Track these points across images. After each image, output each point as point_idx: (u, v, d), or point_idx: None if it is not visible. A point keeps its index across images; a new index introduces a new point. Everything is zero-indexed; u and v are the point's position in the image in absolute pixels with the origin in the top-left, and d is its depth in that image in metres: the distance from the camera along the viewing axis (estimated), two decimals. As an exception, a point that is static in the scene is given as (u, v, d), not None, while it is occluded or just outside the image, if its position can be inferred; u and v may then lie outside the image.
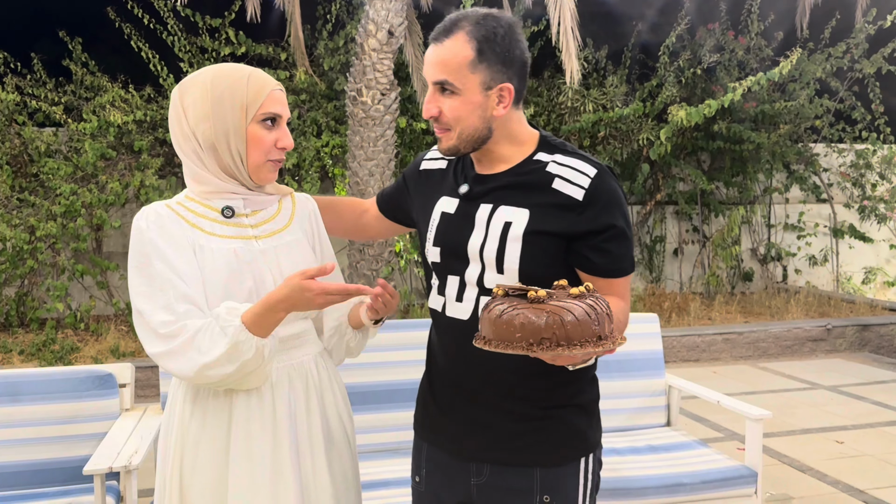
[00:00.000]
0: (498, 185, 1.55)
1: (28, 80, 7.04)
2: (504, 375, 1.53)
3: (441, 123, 1.52)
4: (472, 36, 1.47)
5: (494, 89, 1.50)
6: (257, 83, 1.54)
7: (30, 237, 6.02)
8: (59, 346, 5.87)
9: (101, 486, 2.32)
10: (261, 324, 1.45)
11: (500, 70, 1.49)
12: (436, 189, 1.66)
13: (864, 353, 6.83)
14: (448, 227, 1.59)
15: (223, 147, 1.53)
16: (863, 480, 3.81)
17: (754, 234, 8.87)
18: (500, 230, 1.51)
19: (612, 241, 1.50)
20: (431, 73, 1.50)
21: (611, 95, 7.72)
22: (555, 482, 1.54)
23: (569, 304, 1.19)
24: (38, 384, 2.72)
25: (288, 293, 1.45)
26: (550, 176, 1.51)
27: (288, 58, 7.35)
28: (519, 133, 1.58)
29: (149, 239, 1.51)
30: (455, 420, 1.60)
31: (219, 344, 1.43)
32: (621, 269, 1.53)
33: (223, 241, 1.55)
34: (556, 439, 1.55)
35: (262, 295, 1.52)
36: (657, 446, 3.05)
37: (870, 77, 8.30)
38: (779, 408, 5.04)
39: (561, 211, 1.49)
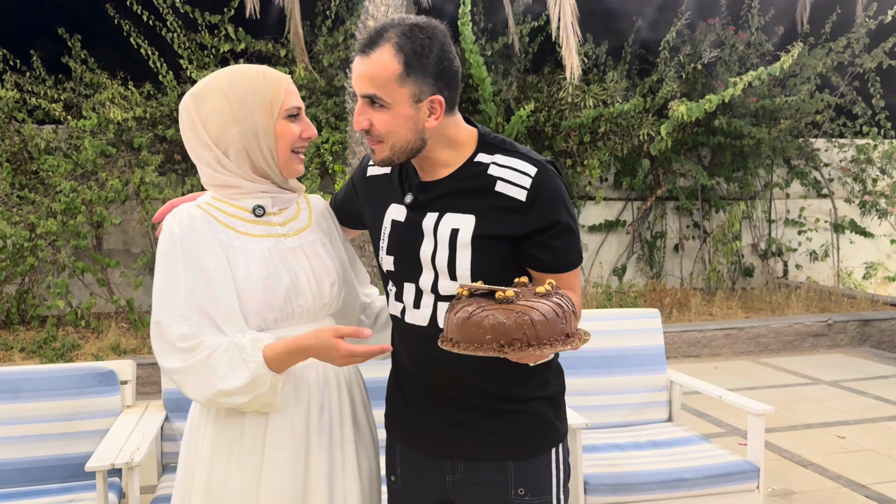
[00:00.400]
0: (441, 192, 1.55)
1: (27, 78, 7.03)
2: (469, 375, 1.54)
3: (372, 136, 1.50)
4: (400, 49, 1.43)
5: (425, 101, 1.47)
6: (274, 80, 1.56)
7: (30, 234, 6.02)
8: (59, 343, 5.87)
9: (103, 483, 2.32)
10: (281, 362, 1.48)
11: (430, 83, 1.46)
12: (383, 196, 1.65)
13: (865, 348, 6.83)
14: (399, 235, 1.59)
15: (254, 148, 1.54)
16: (864, 475, 3.82)
17: (755, 229, 8.86)
18: (448, 238, 1.51)
19: (557, 237, 1.51)
20: (359, 87, 1.47)
21: (611, 91, 7.71)
22: (529, 474, 1.57)
23: (537, 304, 1.20)
24: (40, 381, 2.72)
25: (315, 344, 1.47)
26: (493, 179, 1.51)
27: (287, 54, 7.34)
28: (456, 137, 1.55)
29: (179, 244, 1.50)
30: (425, 419, 1.61)
31: (240, 374, 1.45)
32: (569, 263, 1.54)
33: (257, 241, 1.57)
34: (527, 432, 1.58)
35: (298, 294, 1.56)
36: (659, 441, 3.05)
37: (870, 72, 8.29)
38: (780, 403, 5.04)
39: (506, 213, 1.49)
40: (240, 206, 1.59)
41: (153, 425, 2.66)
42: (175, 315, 1.47)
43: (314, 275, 1.60)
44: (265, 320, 1.55)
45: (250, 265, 1.53)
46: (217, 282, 1.50)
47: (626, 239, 8.47)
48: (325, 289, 1.62)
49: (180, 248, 1.50)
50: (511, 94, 7.74)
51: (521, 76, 8.05)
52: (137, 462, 2.33)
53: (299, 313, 1.59)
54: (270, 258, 1.55)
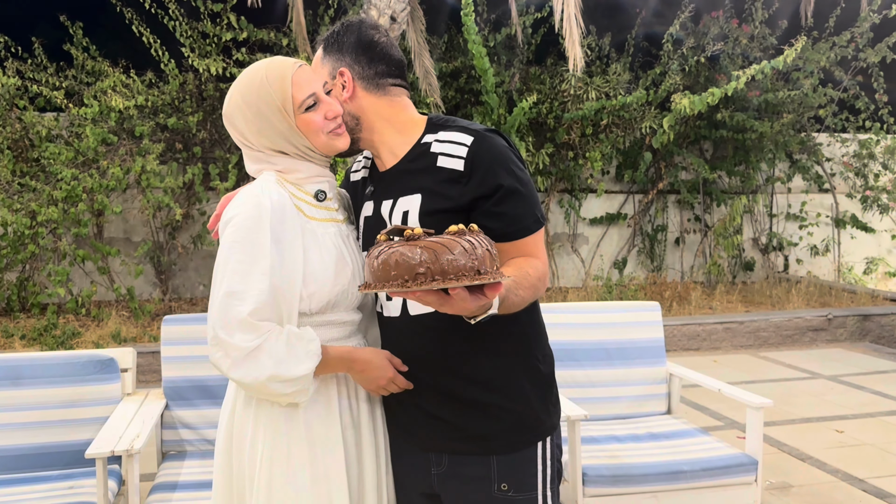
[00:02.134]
0: (392, 177, 1.58)
1: (29, 65, 7.01)
2: (444, 361, 1.53)
3: None
4: (319, 43, 1.64)
5: (337, 78, 1.59)
6: (276, 79, 1.53)
7: (31, 222, 6.02)
8: (60, 331, 5.88)
9: (102, 470, 2.33)
10: (328, 365, 1.51)
11: (335, 58, 1.60)
12: (359, 197, 1.70)
13: (865, 342, 6.83)
14: (369, 229, 1.62)
15: (289, 147, 1.57)
16: (862, 469, 3.82)
17: (756, 223, 8.86)
18: (401, 221, 1.52)
19: (503, 202, 1.48)
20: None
21: (614, 83, 7.69)
22: (511, 469, 1.53)
23: (444, 240, 1.17)
24: (41, 368, 2.73)
25: (371, 359, 1.53)
26: (434, 155, 1.52)
27: (289, 43, 7.32)
28: (403, 121, 1.59)
29: (269, 219, 1.48)
30: (409, 413, 1.60)
31: (302, 364, 1.45)
32: (523, 227, 1.50)
33: (324, 226, 1.59)
34: (508, 426, 1.54)
35: (355, 278, 1.57)
36: (658, 434, 3.06)
37: (874, 66, 8.26)
38: (779, 397, 5.05)
39: (448, 186, 1.49)
40: (305, 190, 1.60)
41: (153, 413, 2.66)
42: (252, 289, 1.44)
43: (361, 261, 1.63)
44: (330, 302, 1.54)
45: (321, 250, 1.54)
46: (289, 264, 1.49)
47: (627, 232, 8.47)
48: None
49: (269, 223, 1.47)
50: (514, 86, 7.73)
51: (524, 68, 8.03)
52: (137, 449, 2.33)
53: (351, 300, 1.59)
54: (338, 245, 1.58)
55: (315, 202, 1.59)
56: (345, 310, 1.60)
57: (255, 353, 1.42)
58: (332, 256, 1.54)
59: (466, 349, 1.51)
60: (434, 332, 1.52)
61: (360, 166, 1.75)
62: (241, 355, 1.42)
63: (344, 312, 1.60)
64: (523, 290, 1.42)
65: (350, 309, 1.61)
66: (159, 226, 7.20)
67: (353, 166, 1.77)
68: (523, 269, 1.45)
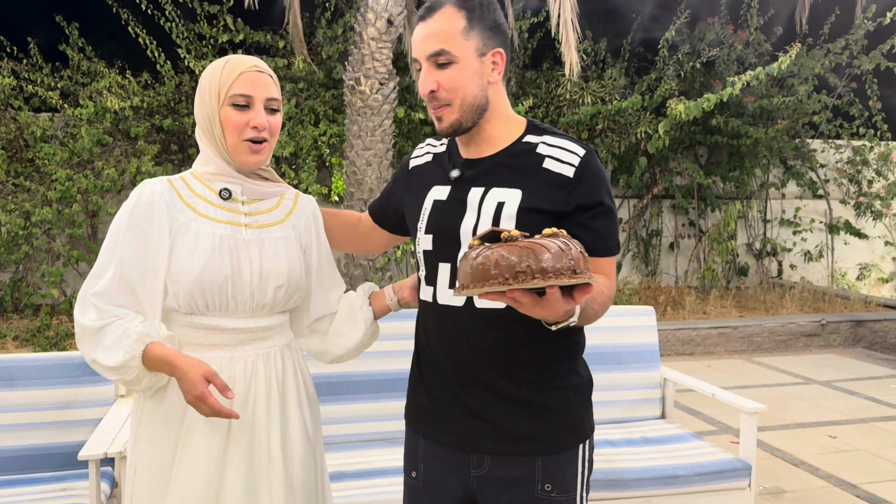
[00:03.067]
0: (488, 166, 1.56)
1: (24, 65, 7.00)
2: (497, 357, 1.52)
3: (440, 99, 1.53)
4: (460, 6, 1.51)
5: (488, 55, 1.53)
6: (230, 68, 1.59)
7: (25, 223, 6.00)
8: (53, 332, 5.86)
9: (95, 472, 2.32)
10: (154, 363, 1.51)
11: (490, 36, 1.53)
12: (425, 182, 1.66)
13: (858, 348, 6.86)
14: (440, 213, 1.58)
15: (208, 132, 1.61)
16: (855, 475, 3.83)
17: (750, 228, 8.88)
18: (493, 210, 1.51)
19: (598, 217, 1.52)
20: (426, 48, 1.51)
21: (609, 88, 7.71)
22: (556, 470, 1.54)
23: (543, 241, 1.20)
24: (34, 369, 2.72)
25: (186, 370, 1.48)
26: (541, 157, 1.53)
27: (286, 46, 7.32)
28: (507, 113, 1.60)
29: (131, 212, 1.57)
30: (451, 411, 1.58)
31: (115, 356, 1.50)
32: (606, 247, 1.54)
33: (213, 225, 1.59)
34: (555, 427, 1.55)
35: (236, 286, 1.57)
36: (652, 438, 3.06)
37: (868, 74, 8.31)
38: (772, 402, 5.06)
39: (552, 189, 1.50)
40: (211, 187, 1.63)
41: (147, 415, 2.65)
42: (104, 273, 1.54)
43: (261, 272, 1.60)
44: (196, 304, 1.56)
45: (195, 248, 1.56)
46: (152, 258, 1.54)
47: (621, 236, 8.49)
48: (268, 288, 1.61)
49: (130, 217, 1.57)
50: (510, 90, 7.74)
51: (520, 72, 8.04)
52: (131, 451, 2.32)
53: (234, 307, 1.59)
54: (218, 245, 1.57)
55: (219, 201, 1.62)
56: (240, 317, 1.60)
57: (95, 334, 1.51)
58: (203, 257, 1.55)
59: (523, 349, 1.52)
60: (495, 329, 1.51)
61: (423, 152, 1.73)
62: (82, 332, 1.53)
63: (239, 319, 1.60)
64: (597, 304, 1.45)
65: (245, 317, 1.61)
66: (154, 227, 7.19)
67: (413, 153, 1.76)
68: (599, 285, 1.46)
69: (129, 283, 1.54)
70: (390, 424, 2.94)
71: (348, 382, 2.95)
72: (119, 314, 1.52)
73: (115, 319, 1.52)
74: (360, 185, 5.53)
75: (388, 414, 2.94)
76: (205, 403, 1.47)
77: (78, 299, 1.55)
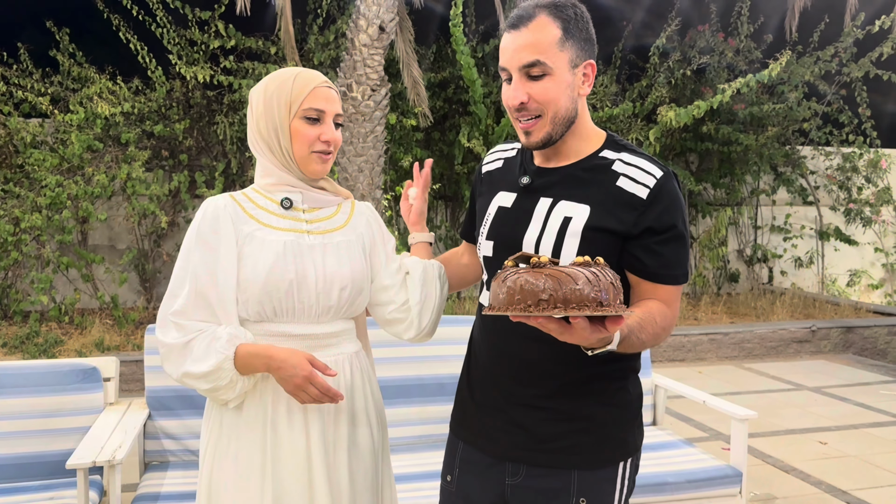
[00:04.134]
0: (560, 178, 1.52)
1: (14, 71, 6.96)
2: (544, 370, 1.50)
3: (530, 111, 1.48)
4: (555, 16, 1.46)
5: (580, 67, 1.49)
6: (302, 81, 1.63)
7: (14, 229, 5.96)
8: (42, 339, 5.82)
9: (84, 481, 2.30)
10: (246, 363, 1.53)
11: (584, 48, 1.49)
12: (494, 187, 1.63)
13: (848, 354, 6.88)
14: (503, 220, 1.56)
15: (274, 142, 1.63)
16: (846, 481, 3.84)
17: (741, 235, 8.92)
18: (559, 225, 1.47)
19: (668, 243, 1.47)
20: (520, 58, 1.46)
21: (601, 95, 7.74)
22: (592, 485, 1.51)
23: (569, 269, 1.19)
24: (22, 377, 2.70)
25: (287, 358, 1.51)
26: (615, 174, 1.48)
27: (278, 52, 7.31)
28: (588, 125, 1.55)
29: (198, 230, 1.61)
30: (493, 419, 1.57)
31: (207, 361, 1.53)
32: (672, 275, 1.48)
33: (276, 233, 1.63)
34: (595, 442, 1.52)
35: (302, 290, 1.59)
36: (643, 445, 3.06)
37: (857, 81, 8.36)
38: (763, 408, 5.08)
39: (623, 209, 1.45)
40: (272, 198, 1.67)
41: (136, 423, 2.64)
42: (179, 292, 1.58)
43: (325, 276, 1.62)
44: (264, 310, 1.59)
45: (260, 255, 1.59)
46: (222, 269, 1.58)
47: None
48: (333, 292, 1.63)
49: (197, 234, 1.61)
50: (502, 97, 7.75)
51: (512, 78, 8.05)
52: (119, 460, 2.31)
53: (300, 310, 1.61)
54: (283, 251, 1.60)
55: (281, 211, 1.66)
56: (306, 321, 1.62)
57: (181, 350, 1.55)
58: (268, 263, 1.58)
59: (571, 366, 1.48)
60: (545, 343, 1.44)
61: (496, 157, 1.70)
62: (167, 351, 1.56)
63: (305, 324, 1.62)
64: (645, 334, 1.39)
65: (311, 322, 1.63)
66: (144, 233, 7.16)
67: (485, 159, 1.73)
68: (652, 313, 1.43)
69: (205, 297, 1.57)
70: (440, 427, 2.98)
71: (403, 386, 2.97)
72: (201, 328, 1.56)
73: (199, 333, 1.55)
74: (352, 191, 5.53)
75: (439, 417, 2.98)
76: (312, 383, 1.50)
77: (158, 321, 1.60)
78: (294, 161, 1.63)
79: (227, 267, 1.58)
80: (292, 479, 1.58)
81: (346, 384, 1.67)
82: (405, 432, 2.98)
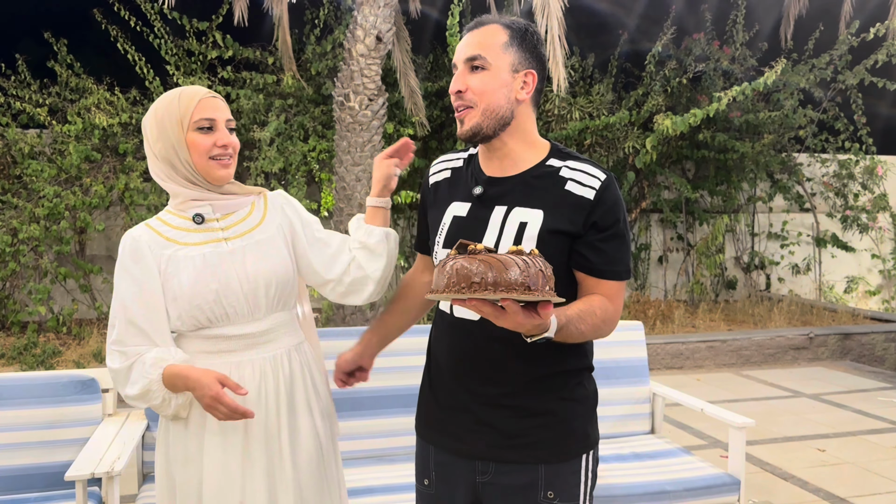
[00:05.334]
0: (511, 186, 1.61)
1: (12, 82, 6.98)
2: (505, 369, 1.57)
3: (465, 100, 1.59)
4: (506, 26, 1.61)
5: (521, 73, 1.59)
6: (186, 98, 1.70)
7: (12, 239, 5.96)
8: (40, 349, 5.81)
9: (82, 493, 2.30)
10: (172, 384, 1.64)
11: (528, 59, 1.60)
12: (445, 198, 1.71)
13: (846, 361, 6.89)
14: (460, 228, 1.63)
15: (175, 160, 1.69)
16: (844, 488, 3.84)
17: (738, 242, 8.94)
18: (516, 230, 1.56)
19: (609, 241, 1.56)
20: (465, 52, 1.59)
21: (597, 104, 7.76)
22: (558, 478, 1.58)
23: (501, 256, 1.27)
24: (20, 388, 2.69)
25: (199, 378, 1.58)
26: (563, 179, 1.58)
27: (275, 62, 7.34)
28: (533, 135, 1.65)
29: (121, 263, 1.70)
30: (458, 420, 1.63)
31: (137, 385, 1.65)
32: (614, 271, 1.57)
33: (194, 249, 1.70)
34: (559, 436, 1.59)
35: (228, 296, 1.68)
36: (641, 454, 3.06)
37: (853, 88, 8.40)
38: (761, 415, 5.08)
39: (573, 211, 1.55)
40: (185, 216, 1.74)
41: (134, 434, 2.64)
42: (115, 322, 1.69)
43: (248, 277, 1.70)
44: (198, 321, 1.69)
45: (182, 273, 1.67)
46: (147, 296, 1.67)
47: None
48: (259, 291, 1.71)
49: (120, 267, 1.70)
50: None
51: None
52: (118, 471, 2.31)
53: (232, 314, 1.70)
54: (202, 264, 1.68)
55: (195, 226, 1.73)
56: (242, 322, 1.71)
57: (125, 374, 1.66)
58: (190, 279, 1.67)
59: (531, 364, 1.57)
60: (504, 343, 1.55)
61: (442, 167, 1.77)
62: (115, 376, 1.68)
63: (243, 325, 1.71)
64: (585, 325, 1.48)
65: (247, 321, 1.72)
66: (142, 243, 7.16)
67: (431, 169, 1.80)
68: (592, 306, 1.52)
69: (135, 324, 1.66)
70: (402, 440, 2.95)
71: (360, 398, 2.95)
72: (140, 352, 1.66)
73: (138, 357, 1.65)
74: (350, 201, 5.54)
75: (400, 429, 2.95)
76: (221, 402, 1.56)
77: (106, 351, 1.71)
78: (197, 172, 1.70)
79: (153, 293, 1.67)
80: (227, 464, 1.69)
81: (284, 377, 1.75)
82: (364, 445, 2.94)
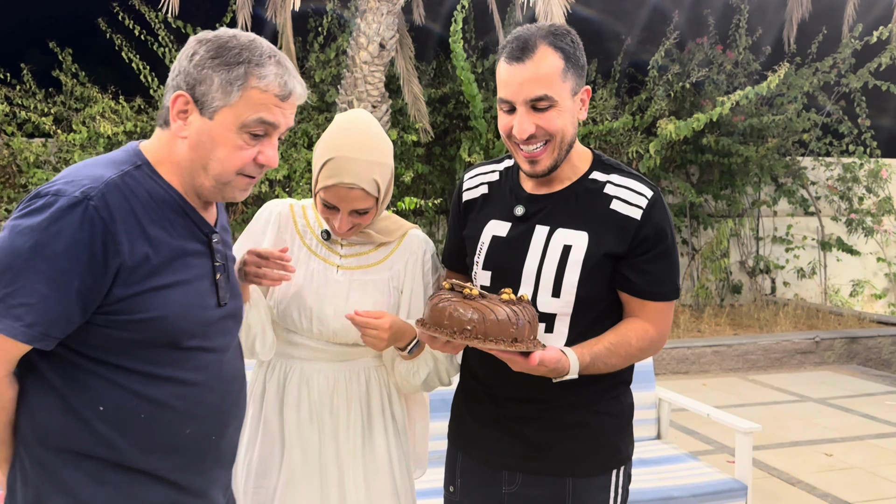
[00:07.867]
0: (554, 204, 1.54)
1: (17, 91, 7.01)
2: (539, 384, 1.52)
3: (538, 138, 1.48)
4: (556, 47, 1.46)
5: (579, 94, 1.51)
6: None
7: (18, 248, 5.97)
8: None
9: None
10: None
11: (580, 75, 1.51)
12: (481, 215, 1.63)
13: (853, 365, 6.86)
14: (500, 250, 1.56)
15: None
16: (851, 493, 3.83)
17: (743, 246, 8.92)
18: (560, 254, 1.49)
19: (655, 261, 1.50)
20: (526, 92, 1.45)
21: (600, 109, 7.76)
22: (585, 493, 1.55)
23: (494, 306, 1.32)
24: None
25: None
26: (608, 197, 1.51)
27: (279, 70, 7.35)
28: (576, 147, 1.56)
29: (255, 219, 1.74)
30: (489, 430, 1.61)
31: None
32: (661, 292, 1.52)
33: (309, 256, 1.68)
34: (589, 450, 1.55)
35: (315, 321, 1.66)
36: (648, 460, 3.05)
37: (856, 91, 8.39)
38: (768, 420, 5.06)
39: (618, 231, 1.49)
40: (322, 223, 1.73)
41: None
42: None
43: (343, 311, 1.63)
44: (285, 322, 1.69)
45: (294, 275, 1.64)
46: None
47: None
48: (351, 329, 1.63)
49: (250, 225, 1.74)
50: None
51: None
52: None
53: (319, 334, 1.68)
54: (306, 279, 1.66)
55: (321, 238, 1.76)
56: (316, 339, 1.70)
57: None
58: (290, 286, 1.67)
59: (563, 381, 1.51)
60: None
61: (478, 182, 1.68)
62: None
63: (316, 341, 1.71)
64: (616, 358, 1.45)
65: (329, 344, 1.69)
66: (147, 251, 7.18)
67: (463, 186, 1.71)
68: (627, 336, 1.47)
69: None
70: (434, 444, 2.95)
71: None
72: None
73: None
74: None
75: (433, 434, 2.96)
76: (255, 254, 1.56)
77: None
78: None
79: None
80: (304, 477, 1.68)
81: (359, 392, 1.71)
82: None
